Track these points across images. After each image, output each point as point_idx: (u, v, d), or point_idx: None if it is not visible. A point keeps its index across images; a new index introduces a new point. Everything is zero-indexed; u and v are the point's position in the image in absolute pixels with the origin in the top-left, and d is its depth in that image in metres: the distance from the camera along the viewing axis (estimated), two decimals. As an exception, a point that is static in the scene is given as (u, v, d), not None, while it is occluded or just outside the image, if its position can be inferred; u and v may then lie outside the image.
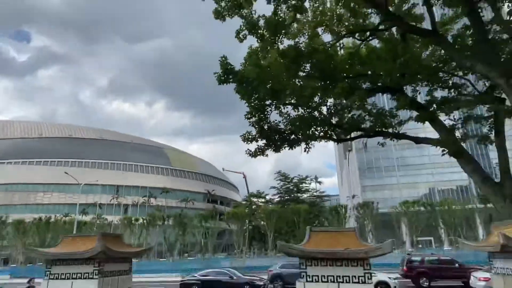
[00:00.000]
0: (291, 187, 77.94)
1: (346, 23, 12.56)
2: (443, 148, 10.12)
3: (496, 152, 9.47)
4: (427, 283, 21.66)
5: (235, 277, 20.21)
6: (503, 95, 9.04)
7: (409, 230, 64.22)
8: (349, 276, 4.93)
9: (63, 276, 5.68)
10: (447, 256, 24.02)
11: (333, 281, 4.99)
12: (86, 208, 75.91)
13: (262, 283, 20.06)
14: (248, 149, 11.39)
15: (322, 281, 5.04)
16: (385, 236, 74.63)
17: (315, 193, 78.77)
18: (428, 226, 63.44)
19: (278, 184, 78.84)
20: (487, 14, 10.60)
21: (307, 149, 12.08)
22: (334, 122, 11.42)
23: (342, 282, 4.94)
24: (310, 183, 79.79)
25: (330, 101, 11.25)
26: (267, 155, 11.59)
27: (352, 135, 12.44)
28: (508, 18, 10.61)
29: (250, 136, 11.12)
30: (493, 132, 10.09)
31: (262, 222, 62.39)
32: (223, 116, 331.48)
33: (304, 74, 11.45)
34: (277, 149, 11.59)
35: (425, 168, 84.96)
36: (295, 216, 59.35)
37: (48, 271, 5.81)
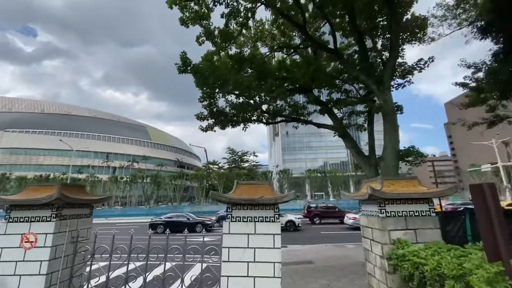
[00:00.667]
0: (236, 158, 77.91)
1: (278, 41, 12.01)
2: (335, 132, 10.15)
3: (367, 136, 9.68)
4: (319, 221, 22.85)
5: (191, 219, 19.32)
6: (375, 98, 9.21)
7: (310, 188, 68.09)
8: (263, 217, 4.41)
9: (22, 219, 4.54)
10: (332, 204, 25.56)
11: (251, 221, 4.44)
12: (81, 168, 68.75)
13: (210, 222, 19.47)
14: (200, 125, 10.52)
15: (243, 221, 4.48)
16: (295, 191, 79.02)
17: (252, 163, 79.62)
18: (321, 186, 67.88)
19: (228, 156, 78.33)
20: (369, 43, 10.71)
21: (245, 128, 11.50)
22: (264, 109, 10.89)
23: (258, 221, 4.42)
24: (249, 156, 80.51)
25: (262, 94, 10.65)
26: (214, 131, 10.80)
27: (278, 119, 12.01)
28: (380, 48, 10.92)
29: (202, 116, 10.17)
30: (366, 122, 10.36)
31: (215, 181, 61.74)
32: (190, 105, 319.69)
33: (245, 74, 10.69)
34: (223, 127, 10.82)
35: (322, 149, 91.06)
36: (238, 178, 59.65)
37: (7, 215, 4.64)
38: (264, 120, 11.18)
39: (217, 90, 9.24)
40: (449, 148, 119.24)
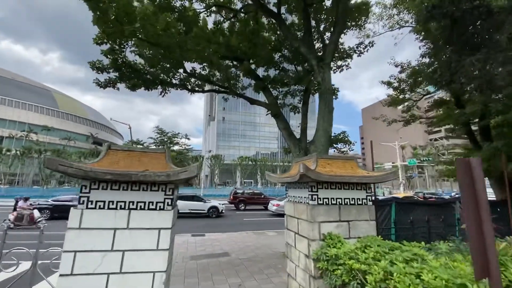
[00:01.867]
0: (165, 139, 71.70)
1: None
2: (268, 110, 9.01)
3: (300, 119, 8.87)
4: (244, 207, 22.27)
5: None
6: (313, 78, 8.39)
7: (240, 175, 68.56)
8: (144, 202, 2.65)
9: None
10: (258, 191, 25.41)
11: (123, 208, 2.63)
12: None
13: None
14: (96, 78, 7.78)
15: (109, 208, 2.64)
16: (226, 178, 78.31)
17: (184, 146, 74.84)
18: (251, 173, 69.22)
19: (155, 136, 71.29)
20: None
21: (163, 93, 9.28)
22: (188, 71, 8.88)
23: (135, 208, 2.66)
24: (181, 139, 75.31)
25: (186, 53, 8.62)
26: (117, 88, 8.17)
27: (207, 88, 10.18)
28: (322, 30, 10.27)
29: (100, 65, 7.47)
30: (301, 103, 9.59)
31: (137, 162, 55.46)
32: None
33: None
34: (132, 87, 8.32)
35: (256, 138, 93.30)
36: (165, 160, 55.15)
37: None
38: (189, 86, 9.18)
39: (125, 32, 6.74)
40: (360, 148, 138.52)
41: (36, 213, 12.25)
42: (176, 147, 74.11)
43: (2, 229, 3.86)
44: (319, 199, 3.60)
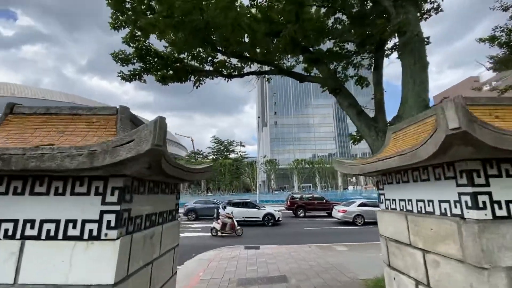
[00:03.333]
0: (222, 148, 74.00)
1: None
2: (323, 87, 6.76)
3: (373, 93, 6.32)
4: (303, 214, 19.80)
5: (149, 211, 15.82)
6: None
7: (297, 179, 65.49)
8: (43, 224, 0.72)
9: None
10: (318, 195, 22.52)
11: None
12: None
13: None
14: (120, 71, 6.87)
15: None
16: (283, 183, 76.28)
17: (240, 153, 76.10)
18: (309, 177, 65.50)
19: (212, 145, 74.27)
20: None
21: (197, 85, 7.95)
22: (222, 51, 7.27)
23: (29, 238, 0.70)
24: (236, 146, 76.86)
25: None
26: (144, 81, 7.14)
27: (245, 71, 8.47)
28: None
29: (123, 56, 6.53)
30: (371, 69, 7.00)
31: (198, 171, 58.13)
32: (178, 96, 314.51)
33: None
34: (162, 80, 7.22)
35: (311, 140, 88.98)
36: (222, 167, 56.27)
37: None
38: (224, 72, 7.63)
39: (148, 11, 5.57)
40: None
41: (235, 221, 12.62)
42: (232, 155, 75.99)
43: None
44: (496, 207, 1.35)
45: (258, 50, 7.06)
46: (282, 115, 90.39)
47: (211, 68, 7.58)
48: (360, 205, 15.89)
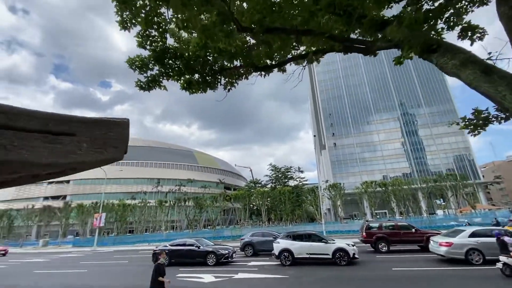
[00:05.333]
0: (280, 175, 71.54)
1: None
2: (408, 49, 4.40)
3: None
4: (386, 248, 15.51)
5: (201, 247, 14.30)
6: None
7: (368, 205, 57.21)
8: None
9: None
10: (403, 222, 17.72)
11: None
12: (135, 195, 71.61)
13: (226, 252, 14.07)
14: (138, 79, 5.87)
15: None
16: (351, 210, 68.01)
17: (297, 179, 72.20)
18: (383, 201, 56.65)
19: (270, 173, 72.61)
20: None
21: (229, 87, 6.48)
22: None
23: None
24: (294, 172, 73.43)
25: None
26: (164, 88, 5.92)
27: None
28: None
29: (139, 63, 5.54)
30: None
31: (257, 201, 56.45)
32: (236, 132, 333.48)
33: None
34: (189, 87, 5.97)
35: (378, 160, 79.46)
36: (282, 196, 53.41)
37: None
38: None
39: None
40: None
41: None
42: (291, 182, 72.66)
43: None
44: None
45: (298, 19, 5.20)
46: (341, 136, 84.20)
47: (241, 63, 6.05)
48: (473, 234, 11.25)
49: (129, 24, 5.08)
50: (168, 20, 5.26)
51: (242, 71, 6.26)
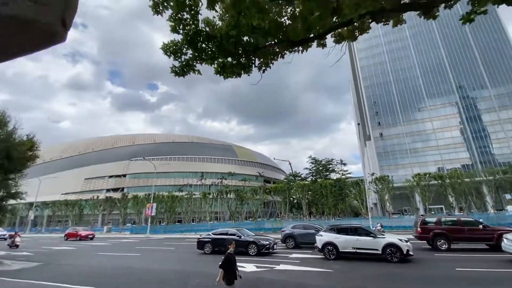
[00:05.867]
0: (320, 168, 69.07)
1: None
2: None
3: None
4: (446, 245, 13.72)
5: (242, 237, 14.41)
6: None
7: (421, 199, 51.97)
8: None
9: None
10: (469, 217, 15.44)
11: None
12: (182, 187, 76.42)
13: (267, 243, 13.94)
14: (172, 65, 5.84)
15: None
16: (400, 204, 62.78)
17: (340, 172, 68.86)
18: (438, 195, 50.99)
19: (310, 166, 70.51)
20: None
21: (263, 68, 6.13)
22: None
23: None
24: (335, 165, 70.15)
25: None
26: (199, 72, 5.84)
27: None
28: None
29: (174, 47, 5.51)
30: None
31: (297, 195, 55.55)
32: (273, 126, 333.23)
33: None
34: (222, 71, 5.83)
35: (432, 151, 71.32)
36: (323, 189, 51.59)
37: None
38: (294, 39, 5.45)
39: None
40: None
41: None
42: (333, 175, 69.56)
43: None
44: None
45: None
46: (388, 125, 77.51)
47: (278, 39, 5.61)
48: None
49: (161, 8, 5.06)
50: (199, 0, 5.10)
51: (277, 49, 5.84)
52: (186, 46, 5.49)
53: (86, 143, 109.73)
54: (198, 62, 5.70)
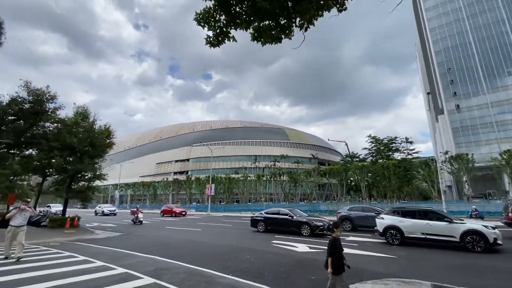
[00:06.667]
0: (381, 148, 62.83)
1: None
2: None
3: None
4: (554, 236, 10.80)
5: (295, 217, 14.04)
6: None
7: (511, 181, 42.86)
8: None
9: None
10: None
11: None
12: (237, 170, 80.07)
13: (321, 224, 13.28)
14: (207, 35, 5.45)
15: None
16: (482, 187, 53.20)
17: (405, 151, 61.44)
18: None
19: (369, 146, 64.72)
20: None
21: (305, 26, 5.29)
22: None
23: None
24: (400, 143, 62.68)
25: None
26: (234, 39, 5.34)
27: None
28: None
29: (207, 13, 5.12)
30: None
31: (355, 177, 52.08)
32: (327, 106, 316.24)
33: None
34: (258, 36, 5.26)
35: (531, 122, 57.16)
36: (385, 170, 47.08)
37: None
38: None
39: None
40: None
41: None
42: (397, 155, 62.47)
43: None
44: None
45: None
46: (466, 95, 64.73)
47: None
48: None
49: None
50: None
51: (321, 1, 4.91)
52: (219, 11, 5.05)
53: (155, 132, 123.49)
54: (233, 27, 5.22)
